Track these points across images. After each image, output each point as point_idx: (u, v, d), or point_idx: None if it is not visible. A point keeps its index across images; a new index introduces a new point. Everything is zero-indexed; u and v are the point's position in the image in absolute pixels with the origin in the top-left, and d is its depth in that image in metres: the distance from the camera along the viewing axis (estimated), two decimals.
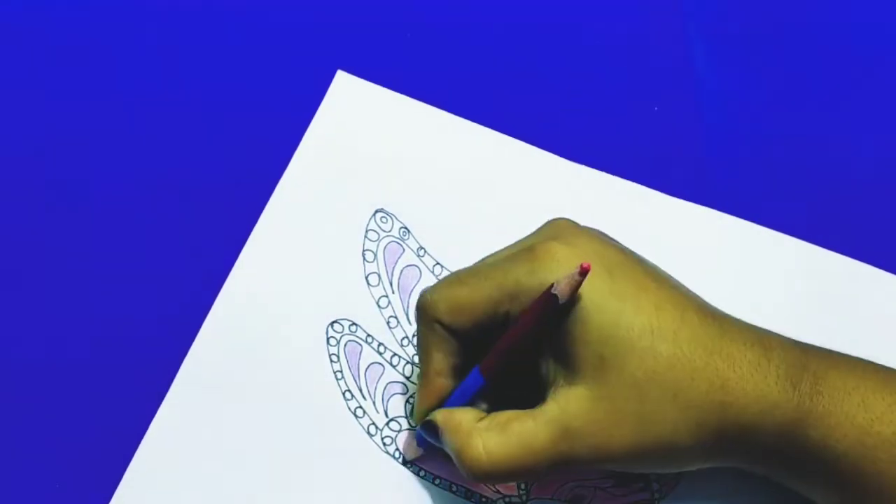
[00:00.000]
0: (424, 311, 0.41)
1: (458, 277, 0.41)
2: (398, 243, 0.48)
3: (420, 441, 0.44)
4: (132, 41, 0.52)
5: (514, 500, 0.45)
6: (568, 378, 0.38)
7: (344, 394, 0.46)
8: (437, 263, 0.48)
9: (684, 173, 0.51)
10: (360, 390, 0.46)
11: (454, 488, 0.45)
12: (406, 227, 0.49)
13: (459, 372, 0.42)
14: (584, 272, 0.36)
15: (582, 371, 0.38)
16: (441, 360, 0.42)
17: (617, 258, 0.40)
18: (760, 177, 0.51)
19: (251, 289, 0.47)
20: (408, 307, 0.47)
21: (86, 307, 0.47)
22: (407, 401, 0.46)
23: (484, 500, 0.45)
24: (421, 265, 0.48)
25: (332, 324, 0.47)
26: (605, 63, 0.54)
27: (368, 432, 0.46)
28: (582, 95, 0.53)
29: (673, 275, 0.42)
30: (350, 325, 0.47)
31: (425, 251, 0.48)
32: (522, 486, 0.45)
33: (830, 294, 0.49)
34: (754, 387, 0.38)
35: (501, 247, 0.48)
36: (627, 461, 0.39)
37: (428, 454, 0.45)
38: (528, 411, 0.39)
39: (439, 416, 0.41)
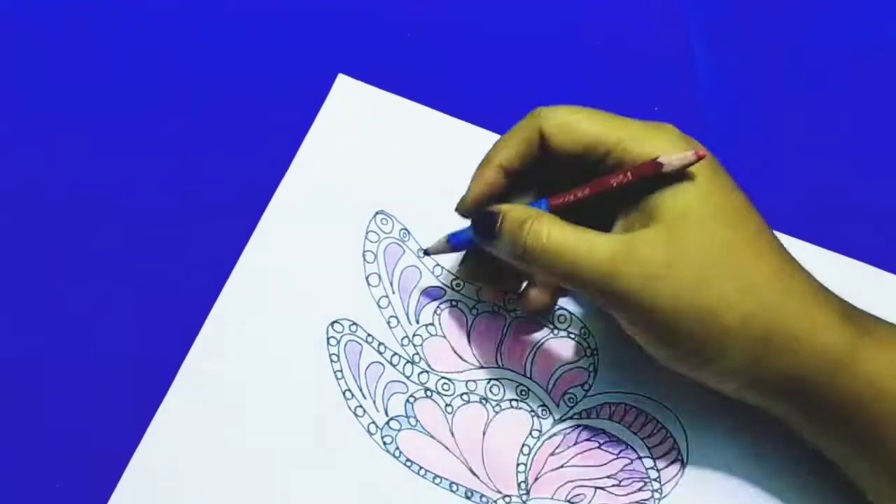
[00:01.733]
0: (533, 117, 0.43)
1: (580, 107, 0.43)
2: (398, 244, 0.49)
3: (455, 240, 0.46)
4: (134, 45, 0.53)
5: (514, 498, 0.46)
6: (644, 223, 0.40)
7: (344, 393, 0.47)
8: (438, 264, 0.49)
9: None
10: (360, 389, 0.47)
11: (454, 488, 0.46)
12: (406, 229, 0.49)
13: (518, 178, 0.43)
14: (698, 158, 0.39)
15: (661, 219, 0.40)
16: (511, 157, 0.43)
17: (719, 164, 0.42)
18: (760, 177, 0.52)
19: (252, 289, 0.48)
20: (408, 307, 0.48)
21: (87, 308, 0.48)
22: (407, 400, 0.47)
23: (484, 499, 0.46)
24: (421, 266, 0.49)
25: (332, 324, 0.48)
26: (606, 63, 0.54)
27: (368, 431, 0.46)
28: (582, 96, 0.53)
29: None
30: (350, 325, 0.48)
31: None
32: (522, 484, 0.46)
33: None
34: (810, 308, 0.40)
35: None
36: (671, 317, 0.39)
37: (447, 250, 0.47)
38: (599, 232, 0.41)
39: (504, 207, 0.42)
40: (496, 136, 0.51)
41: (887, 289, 0.50)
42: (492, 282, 0.47)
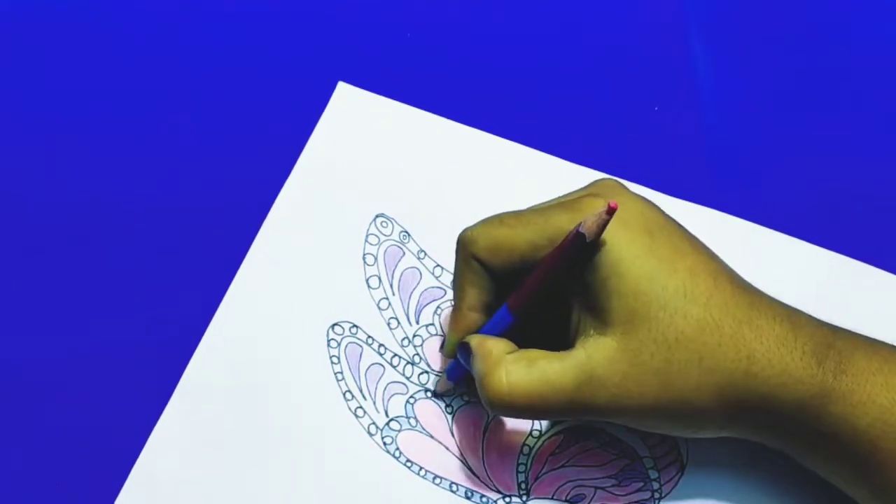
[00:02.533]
0: (463, 246, 0.43)
1: (500, 219, 0.43)
2: (398, 247, 0.50)
3: (451, 374, 0.46)
4: (137, 52, 0.54)
5: (514, 498, 0.46)
6: (598, 328, 0.40)
7: (344, 394, 0.47)
8: (438, 265, 0.50)
9: (684, 173, 0.52)
10: (361, 391, 0.48)
11: (454, 488, 0.46)
12: (406, 231, 0.50)
13: (491, 309, 0.44)
14: (611, 211, 0.38)
15: (612, 322, 0.40)
16: (474, 296, 0.43)
17: (658, 221, 0.42)
18: (760, 177, 0.52)
19: (255, 293, 0.49)
20: (408, 308, 0.49)
21: (92, 311, 0.49)
22: (407, 401, 0.48)
23: (484, 499, 0.46)
24: (421, 267, 0.50)
25: (332, 326, 0.48)
26: (605, 64, 0.55)
27: (369, 432, 0.47)
28: (582, 97, 0.54)
29: None
30: (351, 328, 0.48)
31: (426, 254, 0.50)
32: (523, 484, 0.47)
33: (831, 294, 0.50)
34: (780, 360, 0.39)
35: None
36: (645, 416, 0.40)
37: (455, 390, 0.47)
38: (555, 353, 0.41)
39: (474, 340, 0.43)
40: (494, 139, 0.52)
41: (890, 289, 0.50)
42: None
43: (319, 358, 0.48)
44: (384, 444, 0.47)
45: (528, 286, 0.41)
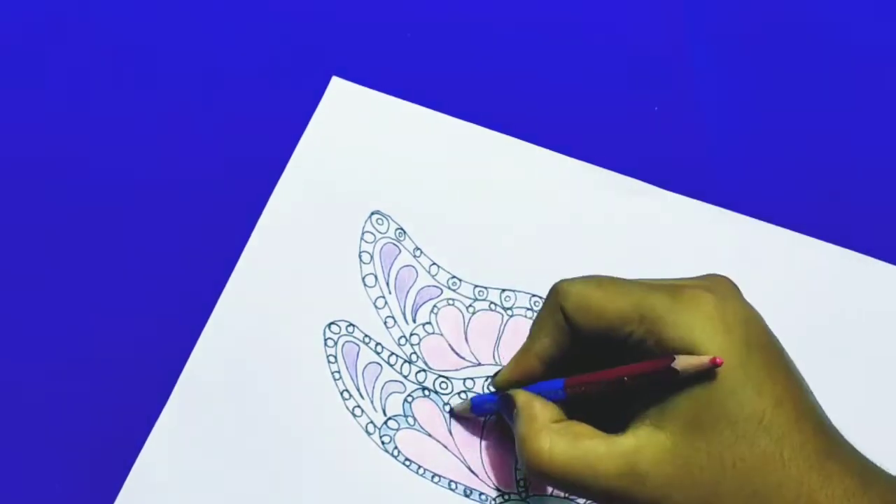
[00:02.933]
0: (554, 296, 0.42)
1: (599, 280, 0.41)
2: (394, 244, 0.50)
3: (477, 407, 0.46)
4: (129, 48, 0.54)
5: (513, 497, 0.46)
6: (655, 421, 0.38)
7: (342, 393, 0.48)
8: (434, 263, 0.50)
9: (684, 173, 0.52)
10: (358, 390, 0.48)
11: (453, 486, 0.46)
12: (402, 229, 0.50)
13: (556, 366, 0.42)
14: (713, 366, 0.36)
15: (673, 421, 0.37)
16: (547, 346, 0.42)
17: (761, 335, 0.39)
18: (760, 174, 0.53)
19: (251, 292, 0.49)
20: (404, 307, 0.49)
21: (88, 311, 0.49)
22: (405, 399, 0.48)
23: (483, 497, 0.46)
24: (417, 265, 0.50)
25: (329, 325, 0.49)
26: (605, 63, 0.55)
27: (367, 431, 0.47)
28: (582, 96, 0.54)
29: (673, 269, 0.43)
30: (347, 326, 0.49)
31: (421, 252, 0.50)
32: (521, 482, 0.47)
33: (831, 286, 0.50)
34: None
35: (501, 246, 0.50)
36: None
37: (470, 422, 0.47)
38: (603, 434, 0.39)
39: (521, 397, 0.42)
40: (490, 132, 0.52)
41: (890, 281, 0.50)
42: None
43: (316, 357, 0.48)
44: (382, 443, 0.47)
45: (591, 378, 0.40)
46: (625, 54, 0.55)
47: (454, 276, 0.49)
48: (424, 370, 0.48)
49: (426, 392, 0.48)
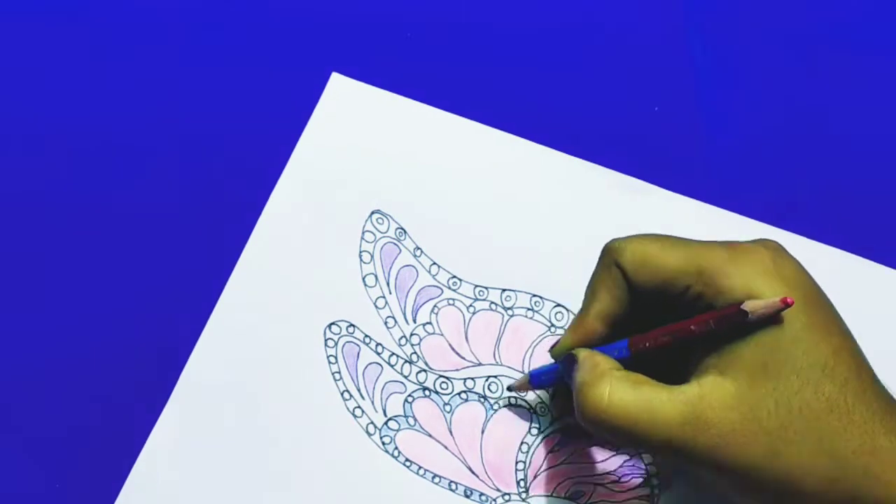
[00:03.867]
0: (609, 252, 0.42)
1: (655, 236, 0.41)
2: (395, 244, 0.50)
3: (536, 378, 0.46)
4: (126, 45, 0.54)
5: (514, 497, 0.47)
6: (720, 369, 0.38)
7: (342, 394, 0.48)
8: (434, 263, 0.50)
9: (684, 173, 0.53)
10: (359, 390, 0.48)
11: (454, 487, 0.47)
12: (402, 228, 0.51)
13: (616, 323, 0.42)
14: (784, 307, 0.36)
15: (738, 368, 0.38)
16: (606, 304, 0.42)
17: (817, 294, 0.39)
18: (760, 174, 0.53)
19: (251, 292, 0.49)
20: (405, 307, 0.49)
21: (88, 311, 0.49)
22: (405, 399, 0.48)
23: (483, 497, 0.47)
24: (417, 265, 0.50)
25: (329, 325, 0.49)
26: (606, 63, 0.55)
27: (367, 432, 0.47)
28: (582, 95, 0.54)
29: None
30: (348, 327, 0.49)
31: (422, 251, 0.50)
32: (521, 482, 0.47)
33: (830, 289, 0.50)
34: None
35: (501, 246, 0.50)
36: (742, 482, 0.37)
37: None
38: (665, 385, 0.39)
39: (583, 352, 0.41)
40: (494, 131, 0.52)
41: (888, 284, 0.51)
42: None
43: (317, 357, 0.48)
44: (383, 443, 0.47)
45: (658, 335, 0.40)
46: (625, 54, 0.55)
47: (454, 276, 0.50)
48: (425, 370, 0.48)
49: (427, 392, 0.48)
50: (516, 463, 0.47)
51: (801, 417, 0.37)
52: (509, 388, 0.48)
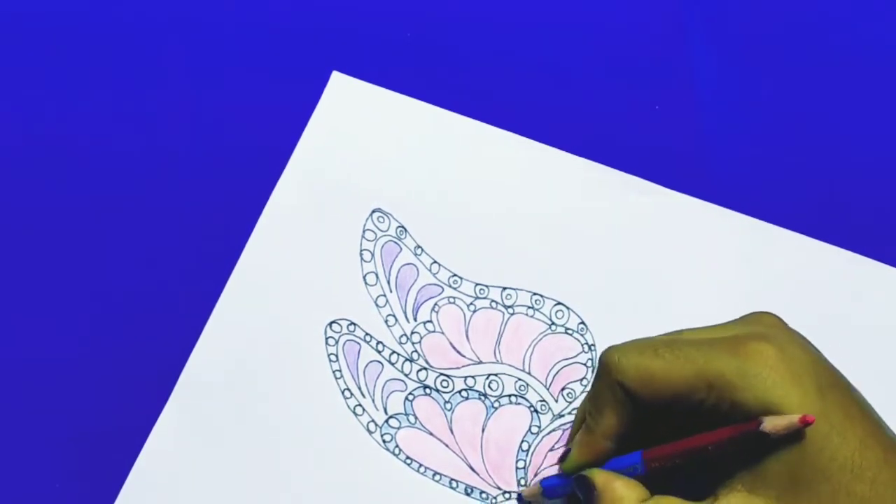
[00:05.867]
0: (608, 372, 0.41)
1: (652, 347, 0.40)
2: (395, 242, 0.51)
3: (550, 491, 0.45)
4: (127, 44, 0.54)
5: (514, 495, 0.47)
6: (749, 486, 0.38)
7: (343, 392, 0.48)
8: (435, 261, 0.50)
9: (684, 173, 0.53)
10: (360, 388, 0.48)
11: (454, 485, 0.47)
12: (403, 227, 0.51)
13: (624, 439, 0.42)
14: (805, 423, 0.36)
15: (767, 486, 0.37)
16: (612, 423, 0.41)
17: (828, 376, 0.39)
18: (760, 174, 0.53)
19: (252, 291, 0.50)
20: (405, 305, 0.50)
21: (88, 310, 0.50)
22: (406, 398, 0.48)
23: (484, 495, 0.47)
24: (418, 263, 0.50)
25: (330, 324, 0.49)
26: (606, 63, 0.55)
27: (368, 430, 0.48)
28: (583, 94, 0.55)
29: (674, 268, 0.44)
30: (348, 325, 0.49)
31: (422, 250, 0.51)
32: (522, 480, 0.47)
33: (830, 288, 0.51)
34: None
35: (502, 244, 0.50)
36: None
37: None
38: None
39: (600, 477, 0.41)
40: (494, 130, 0.53)
41: (888, 282, 0.51)
42: None
43: (317, 356, 0.49)
44: (383, 441, 0.48)
45: (674, 450, 0.39)
46: (625, 53, 0.56)
47: (455, 275, 0.50)
48: (425, 368, 0.49)
49: (427, 390, 0.49)
50: (517, 461, 0.48)
51: None
52: (518, 499, 0.47)
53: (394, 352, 0.49)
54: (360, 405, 0.48)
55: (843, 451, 0.37)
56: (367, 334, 0.49)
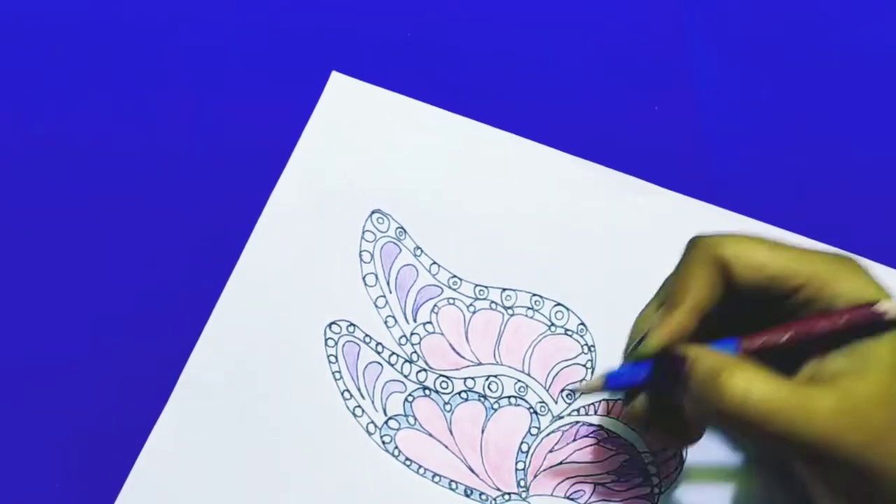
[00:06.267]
0: (706, 247, 0.40)
1: (754, 235, 0.40)
2: (395, 243, 0.51)
3: (613, 380, 0.42)
4: (127, 44, 0.54)
5: (514, 497, 0.47)
6: (858, 371, 0.37)
7: (343, 393, 0.48)
8: (434, 262, 0.51)
9: (684, 173, 0.53)
10: (359, 390, 0.49)
11: (454, 486, 0.47)
12: (402, 228, 0.51)
13: (711, 321, 0.40)
14: None
15: (879, 369, 0.37)
16: (702, 299, 0.40)
17: None
18: (760, 174, 0.53)
19: (251, 292, 0.50)
20: (405, 306, 0.50)
21: (88, 311, 0.50)
22: (406, 399, 0.49)
23: (484, 496, 0.47)
24: (418, 264, 0.51)
25: (330, 325, 0.49)
26: (606, 63, 0.56)
27: (367, 431, 0.48)
28: (582, 94, 0.55)
29: (671, 268, 0.44)
30: (348, 326, 0.49)
31: (422, 251, 0.51)
32: (521, 482, 0.47)
33: None
34: None
35: (502, 245, 0.50)
36: (890, 483, 0.36)
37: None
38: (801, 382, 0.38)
39: (694, 349, 0.39)
40: (493, 131, 0.53)
41: (888, 284, 0.51)
42: (666, 430, 0.42)
43: (317, 357, 0.49)
44: (383, 443, 0.48)
45: (777, 338, 0.39)
46: (625, 53, 0.56)
47: (455, 276, 0.50)
48: (425, 370, 0.49)
49: (427, 392, 0.49)
50: (516, 462, 0.48)
51: None
52: (570, 393, 0.47)
53: (393, 353, 0.49)
54: (359, 406, 0.48)
55: None
56: (366, 335, 0.49)
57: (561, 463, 0.48)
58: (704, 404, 0.37)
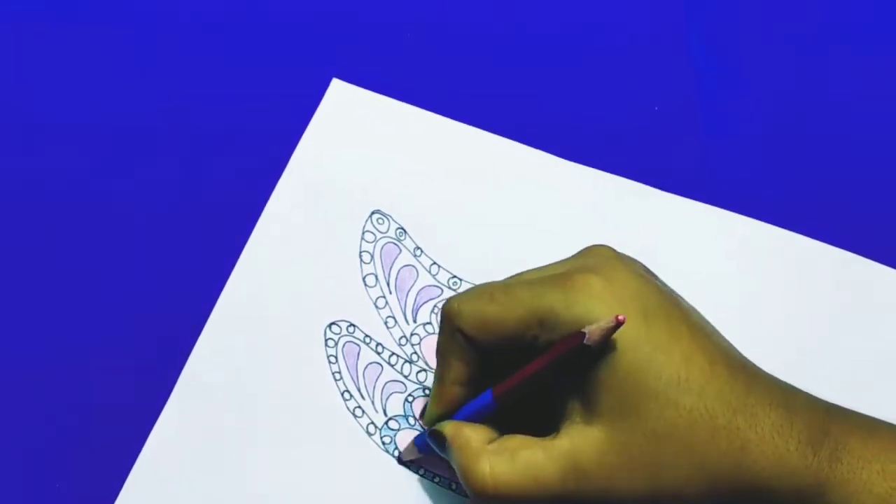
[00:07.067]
0: (449, 320, 0.42)
1: (489, 292, 0.41)
2: (395, 244, 0.51)
3: (420, 446, 0.46)
4: (128, 49, 0.55)
5: None
6: (585, 417, 0.39)
7: (343, 394, 0.49)
8: (434, 263, 0.51)
9: (684, 173, 0.53)
10: (359, 390, 0.49)
11: (454, 486, 0.48)
12: (402, 228, 0.51)
13: (476, 382, 0.43)
14: (618, 324, 0.37)
15: (600, 413, 0.38)
16: (459, 370, 0.43)
17: (655, 299, 0.40)
18: (760, 175, 0.54)
19: (250, 292, 0.50)
20: (405, 307, 0.50)
21: (88, 311, 0.50)
22: (406, 399, 0.49)
23: None
24: (418, 265, 0.51)
25: (330, 325, 0.50)
26: (605, 63, 0.56)
27: (367, 432, 0.48)
28: (581, 97, 0.55)
29: (673, 271, 0.44)
30: (348, 327, 0.50)
31: (422, 251, 0.51)
32: None
33: (831, 289, 0.51)
34: (774, 450, 0.38)
35: (501, 246, 0.51)
36: None
37: (424, 458, 0.47)
38: (538, 441, 0.39)
39: (449, 428, 0.42)
40: (492, 137, 0.53)
41: (889, 284, 0.51)
42: None
43: (317, 357, 0.49)
44: (383, 443, 0.48)
45: (517, 379, 0.40)
46: (625, 54, 0.56)
47: (455, 276, 0.50)
48: (425, 370, 0.49)
49: (427, 392, 0.49)
50: None
51: (670, 439, 0.38)
52: (400, 460, 0.48)
53: (393, 353, 0.49)
54: (359, 407, 0.49)
55: (668, 368, 0.38)
56: (366, 336, 0.50)
57: None
58: (465, 487, 0.40)
